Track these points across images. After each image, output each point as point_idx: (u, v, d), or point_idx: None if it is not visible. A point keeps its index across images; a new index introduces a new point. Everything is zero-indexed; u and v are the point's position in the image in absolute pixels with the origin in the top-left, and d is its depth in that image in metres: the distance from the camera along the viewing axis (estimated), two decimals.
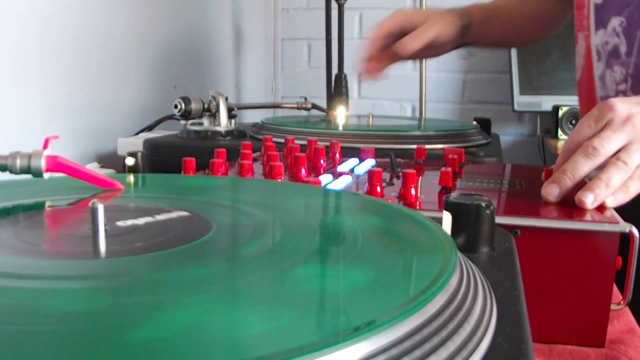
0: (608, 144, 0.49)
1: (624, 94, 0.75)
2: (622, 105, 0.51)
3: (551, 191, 0.49)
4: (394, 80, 1.96)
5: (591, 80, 0.80)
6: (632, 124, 0.50)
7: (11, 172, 0.44)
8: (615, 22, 0.74)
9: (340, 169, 0.63)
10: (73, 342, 0.20)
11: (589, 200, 0.47)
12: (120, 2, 1.05)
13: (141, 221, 0.35)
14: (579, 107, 0.90)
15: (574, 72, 0.88)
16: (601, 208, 0.48)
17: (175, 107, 0.95)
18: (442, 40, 0.85)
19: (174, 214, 0.37)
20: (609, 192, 0.48)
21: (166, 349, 0.19)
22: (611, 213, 0.47)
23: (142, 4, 1.13)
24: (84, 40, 0.95)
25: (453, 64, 1.90)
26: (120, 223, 0.34)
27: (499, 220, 0.42)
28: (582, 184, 0.49)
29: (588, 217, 0.45)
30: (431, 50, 0.87)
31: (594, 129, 0.51)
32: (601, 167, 0.50)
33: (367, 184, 0.50)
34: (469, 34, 0.89)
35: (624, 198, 0.48)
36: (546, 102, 1.68)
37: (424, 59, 1.61)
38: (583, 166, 0.49)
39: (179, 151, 0.86)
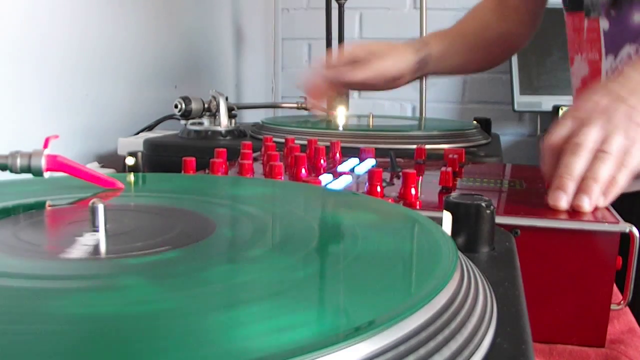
0: (588, 136, 0.50)
1: None
2: (589, 100, 0.53)
3: (559, 200, 0.48)
4: None
5: None
6: (605, 115, 0.51)
7: (11, 171, 0.44)
8: (629, 49, 0.74)
9: (340, 168, 0.63)
10: (73, 342, 0.20)
11: (586, 204, 0.47)
12: (120, 2, 1.05)
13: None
14: None
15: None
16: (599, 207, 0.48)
17: (176, 107, 0.95)
18: (393, 74, 0.87)
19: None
20: (600, 188, 0.48)
21: (167, 349, 0.19)
22: (611, 213, 0.47)
23: (143, 4, 1.13)
24: (84, 40, 0.95)
25: None
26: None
27: (499, 220, 0.42)
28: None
29: (588, 217, 0.45)
30: (386, 83, 0.89)
31: (569, 126, 0.52)
32: None
33: (367, 183, 0.50)
34: (427, 66, 0.91)
35: (616, 192, 0.49)
36: (546, 102, 1.68)
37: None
38: (576, 164, 0.50)
39: (179, 151, 0.86)
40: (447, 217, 0.38)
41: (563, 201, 0.48)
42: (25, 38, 0.82)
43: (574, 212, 0.47)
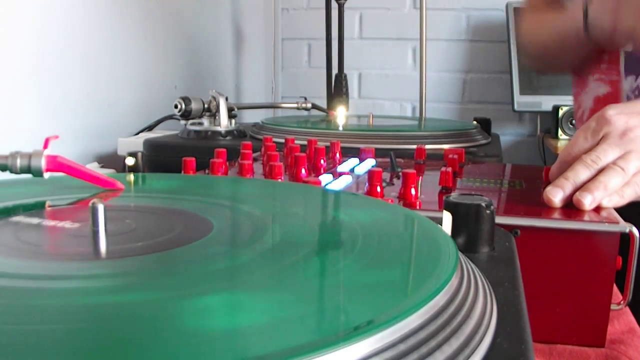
0: (605, 157, 0.51)
1: None
2: (619, 118, 0.53)
3: (555, 195, 0.49)
4: (394, 80, 1.97)
5: None
6: (629, 137, 0.51)
7: (11, 171, 0.44)
8: None
9: (340, 169, 0.63)
10: (72, 342, 0.20)
11: (588, 200, 0.47)
12: (120, 2, 1.05)
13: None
14: None
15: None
16: (597, 208, 0.48)
17: (176, 107, 0.95)
18: None
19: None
20: (606, 194, 0.48)
21: (167, 348, 0.19)
22: (611, 213, 0.47)
23: (143, 4, 1.13)
24: (84, 40, 0.95)
25: (453, 64, 1.90)
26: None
27: (499, 220, 0.42)
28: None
29: (588, 217, 0.45)
30: None
31: (590, 142, 0.53)
32: None
33: (367, 184, 0.50)
34: None
35: (618, 201, 0.49)
36: (546, 102, 1.68)
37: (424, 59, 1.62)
38: (583, 174, 0.50)
39: (179, 151, 0.86)
40: (447, 217, 0.38)
41: (558, 198, 0.48)
42: (27, 38, 0.82)
43: (574, 212, 0.47)
